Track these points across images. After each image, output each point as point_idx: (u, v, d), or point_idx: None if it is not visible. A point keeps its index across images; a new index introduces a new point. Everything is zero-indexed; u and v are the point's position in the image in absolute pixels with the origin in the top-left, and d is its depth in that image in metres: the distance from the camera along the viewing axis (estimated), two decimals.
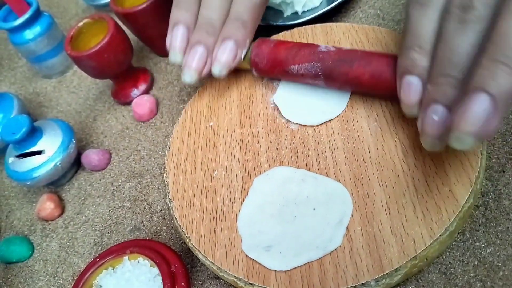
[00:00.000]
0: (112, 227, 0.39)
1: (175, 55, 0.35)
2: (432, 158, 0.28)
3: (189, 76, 0.34)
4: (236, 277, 0.28)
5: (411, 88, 0.26)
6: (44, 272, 0.38)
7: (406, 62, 0.27)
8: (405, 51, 0.27)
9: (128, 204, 0.40)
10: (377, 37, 0.36)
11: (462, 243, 0.29)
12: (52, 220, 0.41)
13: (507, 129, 0.32)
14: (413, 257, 0.25)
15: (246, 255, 0.28)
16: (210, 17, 0.34)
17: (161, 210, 0.38)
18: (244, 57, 0.35)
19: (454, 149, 0.27)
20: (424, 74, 0.26)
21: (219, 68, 0.34)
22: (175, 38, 0.35)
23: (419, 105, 0.26)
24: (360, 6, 0.45)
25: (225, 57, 0.34)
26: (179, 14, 0.35)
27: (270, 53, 0.34)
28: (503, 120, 0.32)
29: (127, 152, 0.44)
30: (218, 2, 0.34)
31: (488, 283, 0.27)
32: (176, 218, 0.32)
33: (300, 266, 0.27)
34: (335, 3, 0.42)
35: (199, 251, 0.30)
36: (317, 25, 0.39)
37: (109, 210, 0.40)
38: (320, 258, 0.27)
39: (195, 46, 0.34)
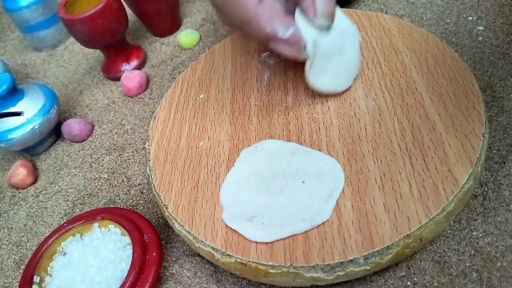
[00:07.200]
0: (85, 198, 0.36)
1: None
2: (431, 138, 0.26)
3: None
4: (213, 248, 0.25)
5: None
6: (7, 240, 0.35)
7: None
8: None
9: (105, 176, 0.37)
10: (380, 22, 0.35)
11: (458, 232, 0.27)
12: (23, 188, 0.39)
13: (509, 122, 0.31)
14: (407, 235, 0.23)
15: (226, 225, 0.26)
16: None
17: (140, 184, 0.36)
18: None
19: (455, 131, 0.26)
20: None
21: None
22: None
23: None
24: (364, 0, 0.44)
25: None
26: None
27: None
28: (506, 114, 0.31)
29: (111, 125, 0.42)
30: None
31: (485, 273, 0.25)
32: (154, 186, 0.30)
33: (284, 238, 0.24)
34: None
35: (175, 219, 0.27)
36: None
37: (85, 181, 0.38)
38: (305, 232, 0.24)
39: None
